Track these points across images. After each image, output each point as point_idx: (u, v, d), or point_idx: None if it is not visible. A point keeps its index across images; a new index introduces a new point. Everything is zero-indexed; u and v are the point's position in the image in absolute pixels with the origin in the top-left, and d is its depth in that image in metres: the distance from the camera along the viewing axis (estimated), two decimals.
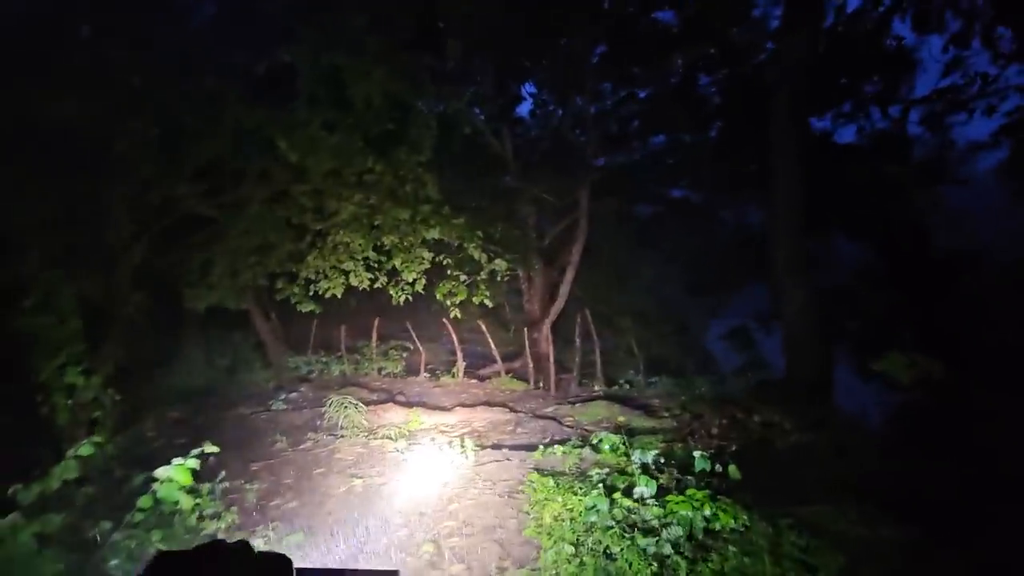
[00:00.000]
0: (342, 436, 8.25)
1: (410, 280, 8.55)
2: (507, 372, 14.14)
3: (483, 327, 13.33)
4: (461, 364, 13.64)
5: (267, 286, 10.52)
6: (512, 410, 10.12)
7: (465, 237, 8.41)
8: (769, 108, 10.83)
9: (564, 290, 15.76)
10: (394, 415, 9.37)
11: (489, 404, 10.46)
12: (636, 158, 20.08)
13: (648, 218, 22.01)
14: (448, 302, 8.37)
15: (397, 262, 8.44)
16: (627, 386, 12.39)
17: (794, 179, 10.60)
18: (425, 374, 13.82)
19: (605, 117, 18.10)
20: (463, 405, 10.31)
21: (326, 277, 8.82)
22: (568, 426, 9.12)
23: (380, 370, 14.30)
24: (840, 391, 11.77)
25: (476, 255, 8.51)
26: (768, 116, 14.14)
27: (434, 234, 8.31)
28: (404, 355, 15.01)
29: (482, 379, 13.55)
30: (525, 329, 13.70)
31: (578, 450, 6.78)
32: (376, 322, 14.46)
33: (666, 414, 9.34)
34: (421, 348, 13.97)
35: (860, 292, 13.26)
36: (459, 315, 8.13)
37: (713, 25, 13.60)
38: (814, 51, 10.90)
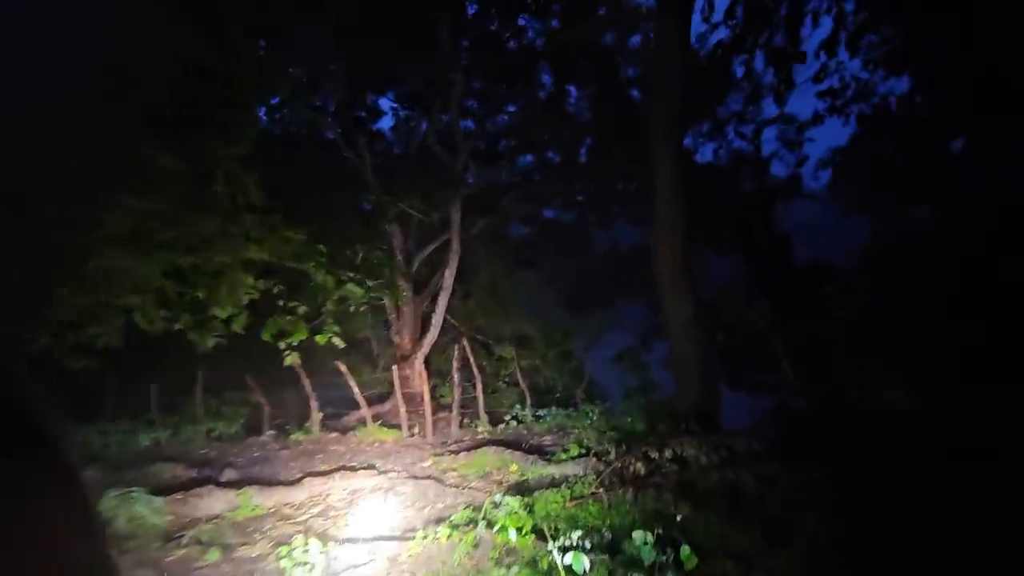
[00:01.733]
0: (124, 551, 5.62)
1: (223, 317, 6.20)
2: (375, 418, 11.97)
3: (342, 367, 11.08)
4: (316, 416, 11.20)
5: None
6: (380, 471, 8.10)
7: (302, 256, 6.34)
8: (645, 122, 10.41)
9: (437, 319, 14.07)
10: (213, 502, 6.85)
11: (350, 468, 8.31)
12: (505, 178, 19.35)
13: (521, 239, 21.40)
14: (281, 344, 6.22)
15: (201, 293, 6.06)
16: (514, 423, 10.99)
17: (676, 194, 10.22)
18: (269, 433, 11.12)
19: (472, 135, 17.04)
20: (315, 473, 8.03)
21: (95, 320, 6.09)
22: (453, 485, 7.38)
23: (209, 433, 11.27)
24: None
25: (320, 279, 6.49)
26: (641, 131, 14.09)
27: (260, 254, 6.13)
28: (243, 411, 12.10)
29: (344, 431, 11.23)
30: (394, 367, 11.70)
31: (471, 531, 5.09)
32: (199, 373, 11.44)
33: (564, 456, 8.02)
34: (263, 400, 11.24)
35: (730, 304, 13.44)
36: (296, 360, 6.03)
37: (581, 35, 13.24)
38: (688, 59, 10.77)
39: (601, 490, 5.82)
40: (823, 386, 11.12)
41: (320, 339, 6.23)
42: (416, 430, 10.90)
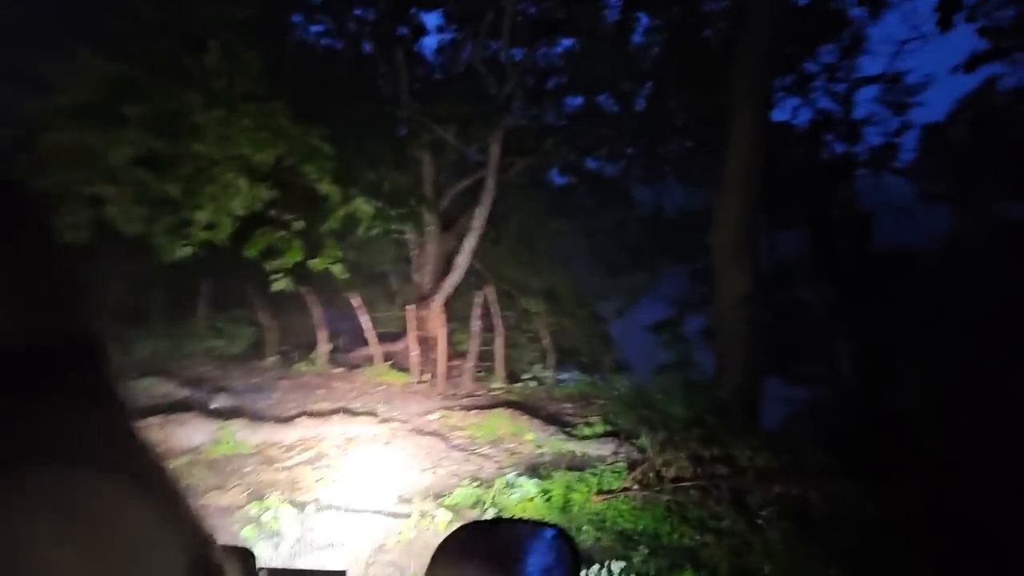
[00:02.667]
0: None
1: (202, 224, 5.15)
2: (386, 358, 11.20)
3: (355, 300, 10.22)
4: (324, 347, 10.46)
5: None
6: (382, 419, 7.30)
7: (301, 154, 5.19)
8: (717, 68, 8.81)
9: (462, 261, 13.02)
10: (194, 432, 6.12)
11: (349, 411, 7.52)
12: (551, 119, 17.71)
13: (559, 189, 19.96)
14: (267, 266, 5.23)
15: (172, 190, 4.98)
16: (533, 383, 10.07)
17: (753, 149, 8.76)
18: (273, 358, 10.45)
19: (520, 66, 15.39)
20: (312, 413, 7.27)
21: (57, 208, 5.12)
22: (458, 448, 6.53)
23: (210, 350, 10.66)
24: None
25: (324, 188, 5.39)
26: (710, 79, 12.32)
27: (255, 151, 4.96)
28: (249, 331, 11.42)
29: (352, 368, 10.50)
30: (412, 307, 10.80)
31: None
32: (203, 285, 10.71)
33: (588, 432, 7.07)
34: (269, 323, 10.50)
35: (785, 284, 12.06)
36: (286, 285, 5.07)
37: None
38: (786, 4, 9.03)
39: (636, 486, 4.84)
40: (885, 387, 9.88)
41: (316, 264, 5.23)
42: (427, 377, 10.09)
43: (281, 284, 4.98)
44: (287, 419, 6.86)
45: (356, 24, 13.91)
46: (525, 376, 10.22)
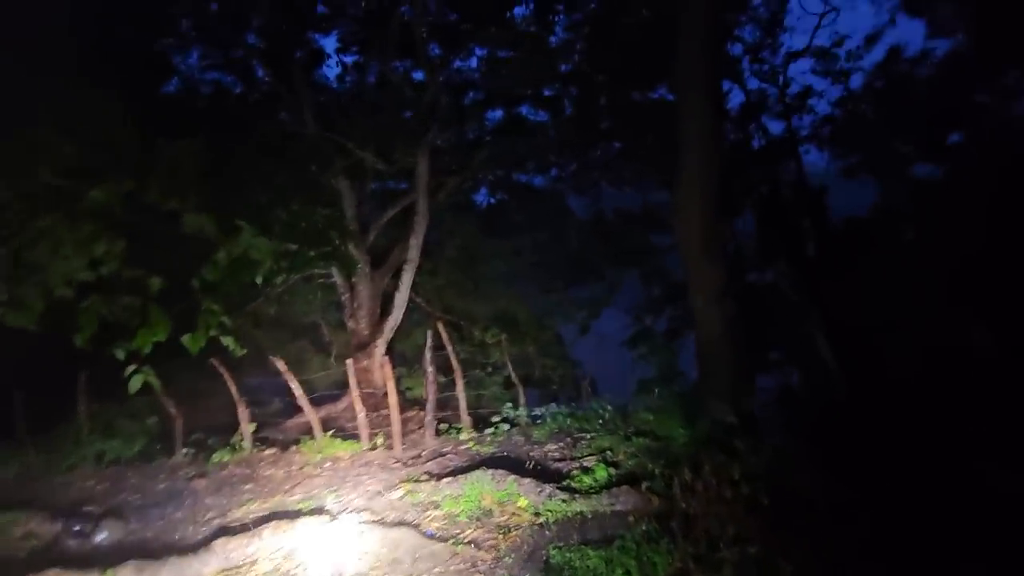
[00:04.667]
0: None
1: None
2: (326, 424, 9.46)
3: (280, 364, 8.50)
4: (247, 427, 8.60)
5: None
6: (331, 515, 5.71)
7: (157, 178, 3.65)
8: (676, 50, 8.07)
9: (401, 298, 11.57)
10: None
11: (287, 511, 5.87)
12: (473, 136, 16.71)
13: (492, 207, 18.94)
14: (115, 354, 3.65)
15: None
16: (505, 426, 8.71)
17: (711, 136, 8.04)
18: (183, 452, 8.46)
19: (437, 76, 14.29)
20: (234, 527, 5.56)
21: None
22: (438, 538, 5.09)
23: (99, 457, 8.49)
24: None
25: (190, 221, 3.90)
26: (637, 74, 11.79)
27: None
28: (149, 424, 9.30)
29: (285, 446, 8.71)
30: (349, 360, 9.19)
31: None
32: (82, 376, 8.59)
33: (589, 481, 5.85)
34: (174, 411, 8.48)
35: (739, 272, 11.56)
36: (143, 382, 3.47)
37: None
38: None
39: (692, 563, 3.64)
40: (866, 367, 9.41)
41: (190, 341, 3.70)
42: (380, 440, 8.50)
43: (138, 381, 3.41)
44: (201, 543, 5.13)
45: (243, 51, 12.32)
46: (494, 419, 8.85)
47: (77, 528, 5.71)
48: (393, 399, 8.52)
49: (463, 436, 8.41)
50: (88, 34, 6.86)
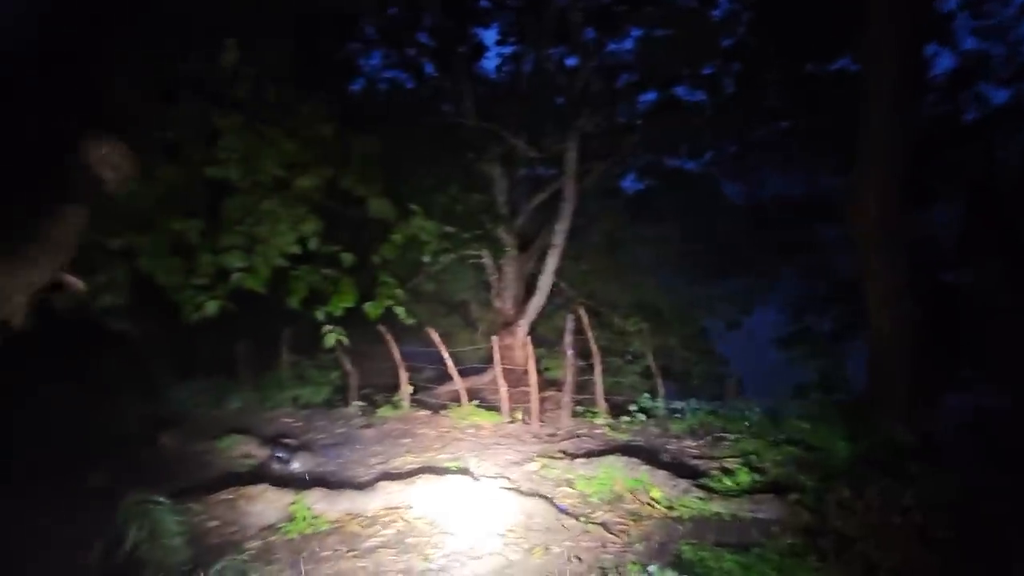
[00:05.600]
0: None
1: (237, 267, 4.30)
2: (472, 394, 10.27)
3: (434, 336, 9.41)
4: (406, 389, 9.70)
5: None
6: (472, 476, 6.26)
7: (349, 170, 4.33)
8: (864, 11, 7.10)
9: (545, 281, 11.97)
10: (267, 507, 5.39)
11: (436, 467, 6.56)
12: (624, 119, 16.31)
13: (639, 193, 18.41)
14: (315, 314, 4.38)
15: (196, 230, 4.14)
16: (641, 416, 8.65)
17: (899, 116, 6.99)
18: (356, 404, 9.82)
19: (589, 63, 14.23)
20: (394, 474, 6.37)
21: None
22: (570, 513, 5.33)
23: (295, 400, 10.24)
24: None
25: (375, 206, 4.50)
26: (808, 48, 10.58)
27: (297, 175, 4.12)
28: (334, 376, 10.93)
29: (436, 409, 9.65)
30: (495, 337, 9.82)
31: None
32: (285, 332, 10.37)
33: (731, 484, 5.62)
34: (349, 368, 9.89)
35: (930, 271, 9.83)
36: (337, 339, 4.14)
37: None
38: None
39: None
40: None
41: (371, 308, 4.33)
42: (519, 415, 9.00)
43: (332, 338, 4.14)
44: (369, 483, 6.00)
45: (416, 49, 13.52)
46: (631, 407, 8.82)
47: (279, 455, 7.01)
48: (533, 377, 8.96)
49: (598, 420, 8.53)
50: (295, 43, 8.13)
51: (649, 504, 5.34)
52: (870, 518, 4.05)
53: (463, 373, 10.98)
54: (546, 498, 5.62)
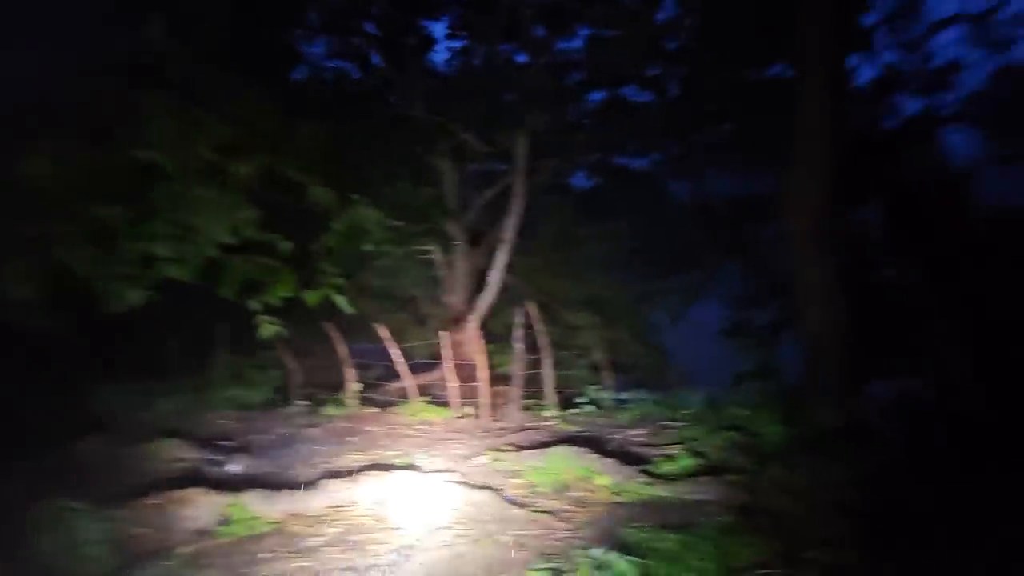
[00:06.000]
0: None
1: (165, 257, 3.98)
2: (422, 390, 10.14)
3: (383, 332, 9.22)
4: (353, 386, 9.46)
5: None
6: (421, 471, 6.17)
7: (287, 156, 4.16)
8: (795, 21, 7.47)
9: (495, 276, 11.96)
10: (200, 510, 5.10)
11: (384, 464, 6.43)
12: (573, 118, 16.52)
13: (588, 190, 18.71)
14: (251, 305, 4.16)
15: (121, 217, 3.78)
16: (589, 407, 8.81)
17: (829, 122, 7.41)
18: (299, 404, 9.49)
19: (540, 60, 14.31)
20: (340, 472, 6.19)
21: None
22: (518, 503, 5.33)
23: (233, 400, 9.78)
24: None
25: (317, 194, 4.33)
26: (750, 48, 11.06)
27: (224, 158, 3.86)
28: (275, 375, 10.52)
29: (385, 406, 9.46)
30: (443, 332, 9.73)
31: None
32: (220, 330, 9.89)
33: (673, 468, 5.80)
34: (292, 365, 9.56)
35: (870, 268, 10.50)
36: (274, 331, 3.98)
37: None
38: None
39: (774, 558, 3.54)
40: (1011, 380, 8.23)
41: (310, 297, 4.17)
42: (469, 410, 8.95)
43: (269, 330, 3.93)
44: (311, 483, 5.79)
45: (362, 39, 13.18)
46: (580, 400, 8.96)
47: (214, 458, 6.67)
48: (483, 372, 8.94)
49: (548, 413, 8.61)
50: (233, 27, 7.77)
51: (595, 491, 5.43)
52: (800, 495, 4.27)
53: (413, 369, 10.81)
54: (495, 490, 5.60)
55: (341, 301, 4.25)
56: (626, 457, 6.30)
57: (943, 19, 9.59)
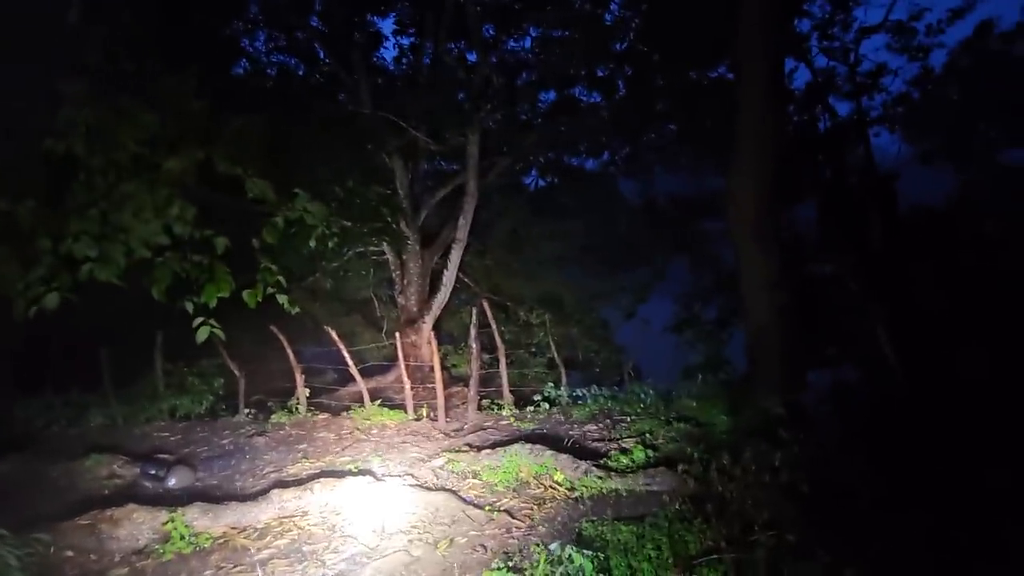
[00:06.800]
0: None
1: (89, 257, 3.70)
2: (375, 394, 9.94)
3: (333, 334, 8.96)
4: (303, 392, 9.14)
5: None
6: (376, 477, 6.03)
7: (222, 148, 3.93)
8: (720, 34, 7.79)
9: (449, 276, 11.84)
10: (136, 528, 4.79)
11: (336, 471, 6.24)
12: (525, 117, 16.60)
13: (541, 189, 18.86)
14: (184, 306, 3.93)
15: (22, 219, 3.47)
16: (545, 405, 8.86)
17: (766, 115, 7.73)
18: (246, 413, 9.09)
19: (490, 58, 14.27)
20: (288, 481, 5.97)
21: None
22: (476, 503, 5.29)
23: (172, 411, 9.26)
24: None
25: (254, 187, 4.12)
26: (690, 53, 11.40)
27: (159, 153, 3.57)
28: (217, 384, 10.03)
29: (337, 412, 9.19)
30: (397, 333, 9.55)
31: None
32: (159, 337, 9.35)
33: (627, 462, 5.90)
34: (238, 372, 9.15)
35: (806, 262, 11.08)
36: (209, 334, 3.74)
37: None
38: None
39: (723, 543, 3.66)
40: (932, 366, 8.87)
41: (248, 296, 3.98)
42: (424, 412, 8.82)
43: (204, 332, 3.71)
44: (259, 493, 5.55)
45: (306, 33, 12.76)
46: (536, 397, 9.00)
47: (152, 472, 6.28)
48: (438, 374, 8.81)
49: (504, 412, 8.60)
50: (166, 17, 7.35)
51: (552, 487, 5.45)
52: (746, 480, 4.42)
53: (367, 373, 10.57)
54: (452, 491, 5.54)
55: (284, 300, 4.05)
56: (582, 452, 6.37)
57: (870, 26, 10.20)
